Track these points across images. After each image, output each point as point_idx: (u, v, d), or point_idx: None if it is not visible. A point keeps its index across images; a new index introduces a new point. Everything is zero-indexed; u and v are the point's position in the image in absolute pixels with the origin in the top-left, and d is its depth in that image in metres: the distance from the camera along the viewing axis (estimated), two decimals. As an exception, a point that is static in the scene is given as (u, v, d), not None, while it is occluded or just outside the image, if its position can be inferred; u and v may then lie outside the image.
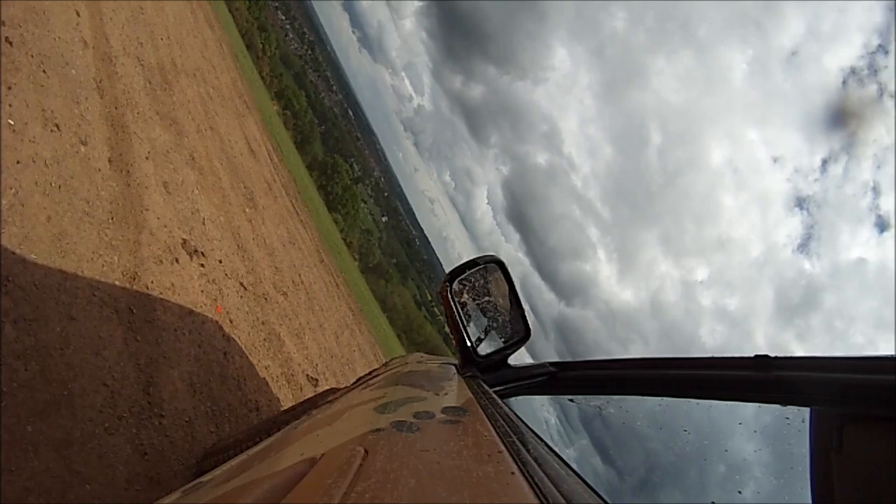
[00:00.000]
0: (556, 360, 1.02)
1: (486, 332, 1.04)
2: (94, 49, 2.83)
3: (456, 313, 0.97)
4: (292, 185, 12.34)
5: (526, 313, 1.05)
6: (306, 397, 2.39)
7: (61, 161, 1.95)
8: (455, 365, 1.00)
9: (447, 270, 1.03)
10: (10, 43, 2.02)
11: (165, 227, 2.51)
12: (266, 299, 3.55)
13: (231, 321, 2.70)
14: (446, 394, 0.66)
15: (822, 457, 0.63)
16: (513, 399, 0.98)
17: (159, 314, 2.05)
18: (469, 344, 0.96)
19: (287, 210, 8.32)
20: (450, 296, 0.99)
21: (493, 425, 0.46)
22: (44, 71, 2.14)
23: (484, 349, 0.99)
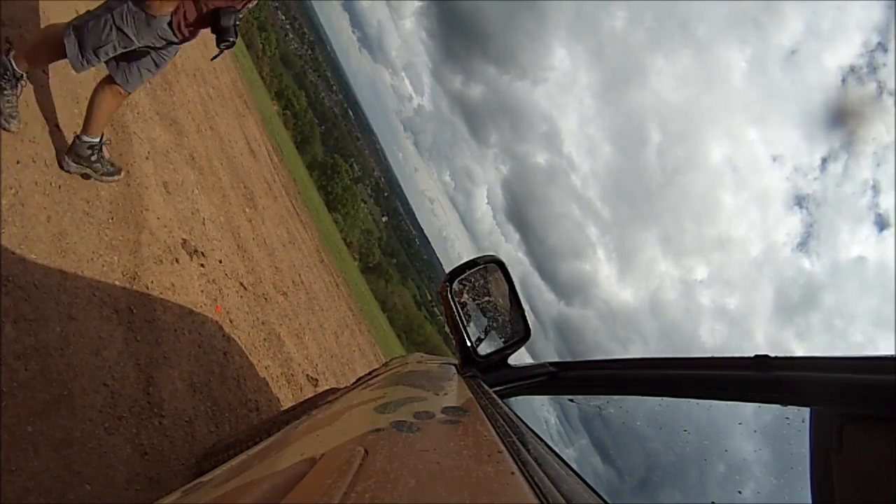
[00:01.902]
0: (556, 360, 1.02)
1: (486, 332, 1.05)
2: (94, 49, 2.82)
3: (456, 313, 0.97)
4: (292, 185, 12.34)
5: (526, 313, 1.06)
6: (306, 397, 2.39)
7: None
8: (455, 365, 1.00)
9: (447, 270, 1.03)
10: (11, 43, 2.02)
11: (165, 227, 2.51)
12: (266, 299, 3.55)
13: (231, 321, 2.70)
14: (446, 394, 0.66)
15: (822, 457, 0.63)
16: (513, 399, 0.98)
17: (159, 314, 2.05)
18: (469, 344, 0.96)
19: (287, 210, 8.32)
20: (450, 296, 0.99)
21: (493, 425, 0.46)
22: (44, 71, 2.13)
23: (484, 349, 0.99)
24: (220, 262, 3.01)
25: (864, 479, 0.58)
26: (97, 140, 1.88)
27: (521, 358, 1.03)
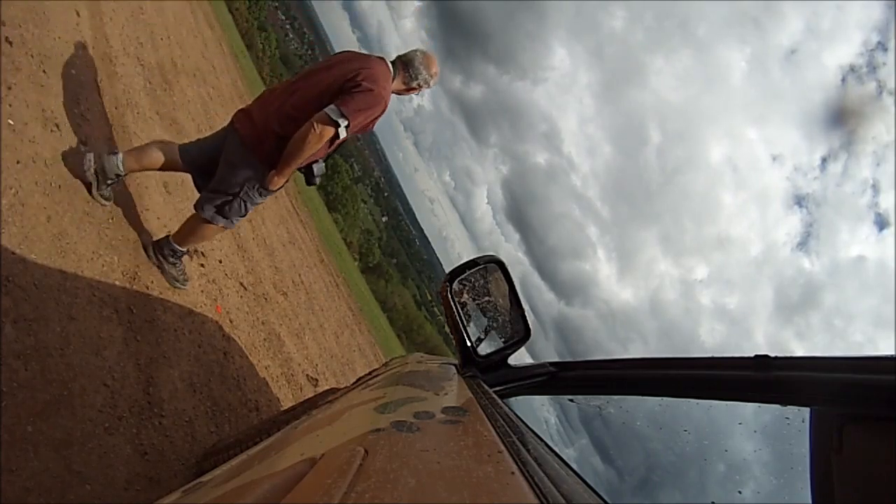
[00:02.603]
0: (556, 360, 1.02)
1: (486, 332, 1.05)
2: (94, 49, 2.83)
3: (456, 313, 0.97)
4: (291, 185, 12.35)
5: (526, 313, 1.06)
6: (306, 397, 2.39)
7: (61, 161, 1.95)
8: (455, 365, 1.00)
9: (447, 270, 1.03)
10: (11, 43, 2.02)
11: (165, 226, 2.51)
12: (266, 299, 3.55)
13: (231, 321, 2.70)
14: (446, 394, 0.66)
15: (822, 457, 0.63)
16: (513, 399, 0.98)
17: (159, 314, 2.05)
18: (469, 344, 0.96)
19: (287, 210, 8.33)
20: (450, 296, 0.99)
21: (493, 425, 0.46)
22: (44, 71, 2.13)
23: (484, 349, 1.00)
24: (220, 262, 3.02)
25: (864, 479, 0.58)
26: (182, 250, 2.18)
27: (521, 358, 1.03)
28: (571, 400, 0.97)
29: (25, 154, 1.78)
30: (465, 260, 1.04)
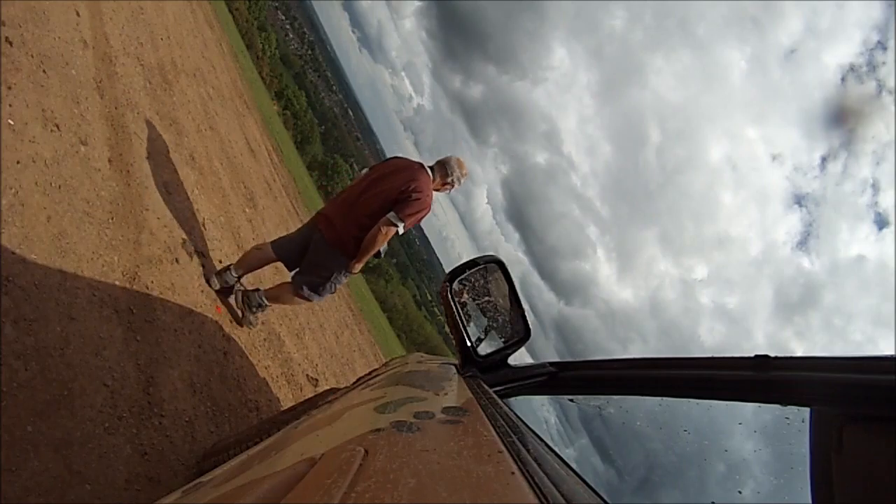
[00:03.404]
0: (556, 360, 1.02)
1: (486, 332, 1.05)
2: (94, 49, 2.82)
3: (456, 313, 0.97)
4: (292, 185, 12.34)
5: (526, 313, 1.06)
6: (306, 397, 2.39)
7: (61, 161, 1.95)
8: (455, 365, 1.00)
9: (447, 270, 1.03)
10: (10, 43, 2.02)
11: (165, 227, 2.51)
12: (266, 299, 3.54)
13: (231, 321, 2.70)
14: (446, 394, 0.66)
15: (822, 457, 0.63)
16: (513, 399, 0.98)
17: (159, 314, 2.05)
18: (469, 344, 0.96)
19: (287, 210, 8.32)
20: (450, 296, 0.99)
21: (493, 425, 0.46)
22: (44, 71, 2.14)
23: (484, 349, 1.00)
24: (221, 262, 3.01)
25: (864, 479, 0.58)
26: (267, 304, 2.73)
27: (521, 358, 1.03)
28: (571, 400, 0.97)
29: (25, 154, 1.78)
30: (465, 260, 1.04)
